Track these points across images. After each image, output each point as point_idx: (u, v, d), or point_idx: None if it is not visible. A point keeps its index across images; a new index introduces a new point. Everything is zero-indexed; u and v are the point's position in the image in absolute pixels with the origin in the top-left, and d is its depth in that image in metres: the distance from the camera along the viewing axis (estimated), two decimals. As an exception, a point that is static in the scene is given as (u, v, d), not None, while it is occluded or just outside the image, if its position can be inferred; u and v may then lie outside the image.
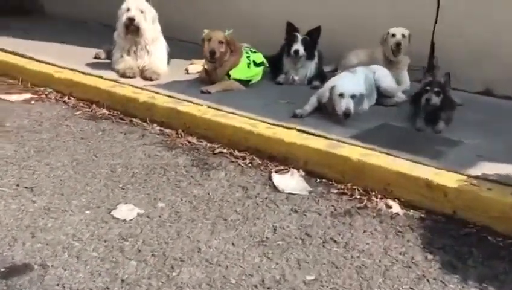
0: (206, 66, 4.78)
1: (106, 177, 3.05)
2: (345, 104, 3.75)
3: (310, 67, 5.17)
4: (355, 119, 3.92)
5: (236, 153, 3.58)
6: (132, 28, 4.91)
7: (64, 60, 5.27)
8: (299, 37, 4.97)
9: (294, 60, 5.04)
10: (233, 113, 3.94)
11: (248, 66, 4.85)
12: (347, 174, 3.20)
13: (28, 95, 4.67)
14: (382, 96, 4.49)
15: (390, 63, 5.11)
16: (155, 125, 4.05)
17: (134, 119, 4.15)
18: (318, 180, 3.23)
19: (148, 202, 2.78)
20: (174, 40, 5.99)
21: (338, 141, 3.44)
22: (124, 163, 3.29)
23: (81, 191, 2.84)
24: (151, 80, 4.78)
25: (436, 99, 3.84)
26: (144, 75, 4.84)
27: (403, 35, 5.01)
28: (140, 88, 4.51)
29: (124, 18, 4.92)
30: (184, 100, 4.21)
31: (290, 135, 3.51)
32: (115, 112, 4.32)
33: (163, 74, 5.01)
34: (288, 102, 4.32)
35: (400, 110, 4.29)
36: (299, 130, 3.62)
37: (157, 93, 4.38)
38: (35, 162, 3.19)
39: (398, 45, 4.91)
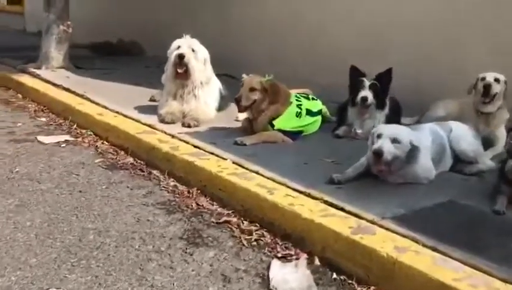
0: (247, 115, 4.18)
1: (65, 247, 2.52)
2: (379, 144, 2.96)
3: (379, 119, 4.30)
4: (410, 191, 3.01)
5: (245, 224, 2.87)
6: (181, 71, 4.50)
7: (119, 102, 5.01)
8: (366, 82, 4.16)
9: (362, 109, 4.22)
10: (256, 172, 3.25)
11: (297, 116, 4.14)
12: (372, 272, 2.31)
13: (65, 137, 4.43)
14: (460, 161, 3.49)
15: (481, 117, 4.09)
16: (172, 180, 3.50)
17: (153, 171, 3.65)
18: (335, 275, 2.39)
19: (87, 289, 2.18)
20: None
21: (372, 222, 2.57)
22: (102, 228, 2.75)
23: (20, 265, 2.32)
24: (189, 126, 4.29)
25: None
26: (183, 121, 4.37)
27: (496, 80, 3.99)
28: (172, 136, 4.02)
29: (173, 56, 4.54)
30: (211, 153, 3.62)
31: (310, 209, 2.70)
32: (139, 161, 3.86)
33: (207, 120, 4.51)
34: (335, 161, 3.52)
35: (481, 182, 3.27)
36: (326, 202, 2.81)
37: (186, 142, 3.85)
38: (4, 220, 2.77)
39: (487, 87, 3.90)
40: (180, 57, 4.49)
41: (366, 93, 4.13)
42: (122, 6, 9.28)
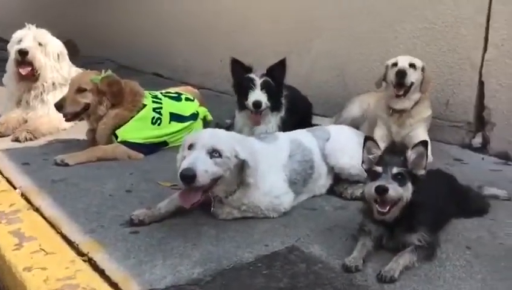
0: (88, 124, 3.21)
1: None
2: (190, 160, 1.97)
3: (273, 124, 3.29)
4: (239, 234, 2.05)
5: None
6: (24, 73, 3.55)
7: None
8: (257, 80, 3.10)
9: (255, 116, 3.17)
10: (37, 209, 2.29)
11: (155, 122, 3.17)
12: None
13: None
14: (341, 180, 2.51)
15: (394, 116, 3.12)
16: None
17: None
18: None
19: None
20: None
21: (125, 298, 1.61)
22: None
23: None
24: (17, 140, 3.33)
25: (396, 192, 1.79)
26: (14, 134, 3.41)
27: (412, 66, 3.01)
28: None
29: (13, 52, 3.59)
30: (6, 179, 2.67)
31: (48, 277, 1.72)
32: None
33: (54, 130, 3.55)
34: (176, 185, 2.54)
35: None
36: (90, 261, 1.85)
37: (-7, 165, 2.90)
38: None
39: (401, 74, 2.93)
40: (22, 53, 3.54)
41: (259, 95, 3.09)
42: (63, 9, 8.39)
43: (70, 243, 1.98)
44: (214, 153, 2.01)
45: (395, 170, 1.80)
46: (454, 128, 3.45)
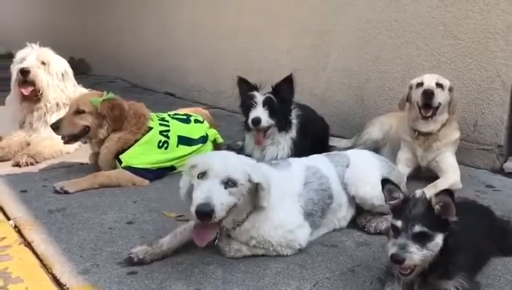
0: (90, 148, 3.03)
1: None
2: (206, 193, 1.74)
3: (284, 145, 3.12)
4: (249, 276, 1.81)
5: None
6: (26, 93, 3.41)
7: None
8: (259, 97, 2.98)
9: (257, 134, 3.04)
10: (29, 243, 2.09)
11: (161, 146, 2.98)
12: None
13: None
14: (364, 212, 2.27)
15: (419, 139, 2.89)
16: None
17: None
18: None
19: None
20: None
21: None
22: None
23: None
24: (18, 165, 3.15)
25: (415, 259, 1.53)
26: (15, 158, 3.23)
27: (439, 85, 2.78)
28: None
29: (15, 71, 3.45)
30: (1, 208, 2.49)
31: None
32: None
33: (57, 154, 3.37)
34: (183, 216, 2.33)
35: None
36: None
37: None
38: None
39: (428, 95, 2.72)
40: (24, 72, 3.39)
41: (259, 112, 2.95)
42: (75, 28, 8.35)
43: (60, 285, 1.77)
44: (229, 183, 1.80)
45: (417, 228, 1.53)
46: (484, 151, 3.20)
